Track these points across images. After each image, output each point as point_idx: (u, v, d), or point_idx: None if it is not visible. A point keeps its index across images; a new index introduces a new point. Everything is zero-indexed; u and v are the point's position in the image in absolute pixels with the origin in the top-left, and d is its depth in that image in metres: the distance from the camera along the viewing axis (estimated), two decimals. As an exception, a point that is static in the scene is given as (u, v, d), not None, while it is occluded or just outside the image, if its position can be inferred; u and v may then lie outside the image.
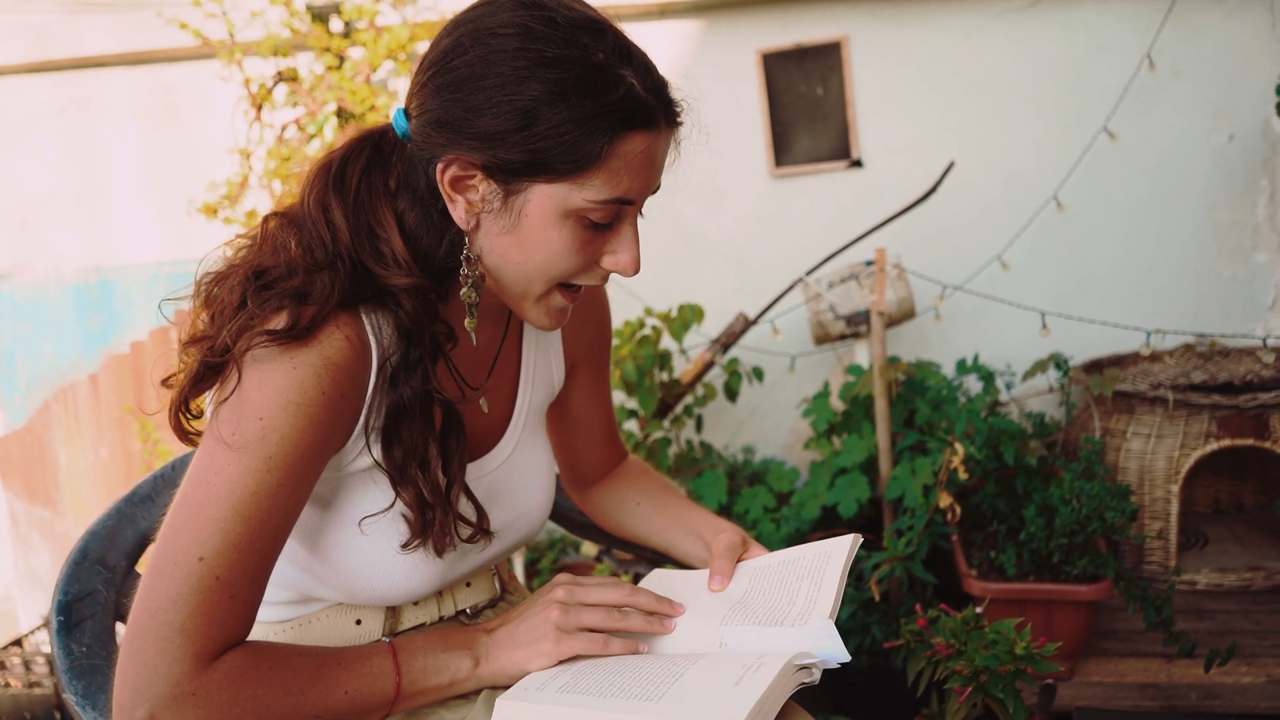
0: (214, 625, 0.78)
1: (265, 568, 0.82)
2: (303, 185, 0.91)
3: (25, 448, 3.07)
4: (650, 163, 0.88)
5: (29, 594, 3.11)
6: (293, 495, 0.82)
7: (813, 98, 2.67)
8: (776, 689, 0.80)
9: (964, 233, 2.63)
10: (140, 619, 0.78)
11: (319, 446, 0.83)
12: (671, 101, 0.88)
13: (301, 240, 0.87)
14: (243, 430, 0.80)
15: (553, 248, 0.88)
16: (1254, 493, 2.50)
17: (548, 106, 0.82)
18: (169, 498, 1.12)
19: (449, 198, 0.87)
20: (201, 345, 0.84)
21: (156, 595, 0.78)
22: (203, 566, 0.78)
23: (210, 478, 0.80)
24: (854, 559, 1.02)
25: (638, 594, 0.95)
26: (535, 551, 2.69)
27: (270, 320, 0.82)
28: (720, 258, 2.78)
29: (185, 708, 0.76)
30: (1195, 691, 1.80)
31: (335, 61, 2.64)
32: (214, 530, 0.79)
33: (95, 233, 2.97)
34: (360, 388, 0.87)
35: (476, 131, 0.84)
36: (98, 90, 2.90)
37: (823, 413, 2.30)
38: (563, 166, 0.84)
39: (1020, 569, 1.87)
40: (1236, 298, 2.61)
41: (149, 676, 0.76)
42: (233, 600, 0.79)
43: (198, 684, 0.77)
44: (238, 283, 0.85)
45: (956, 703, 1.27)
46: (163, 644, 0.76)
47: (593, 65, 0.83)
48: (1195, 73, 2.54)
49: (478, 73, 0.83)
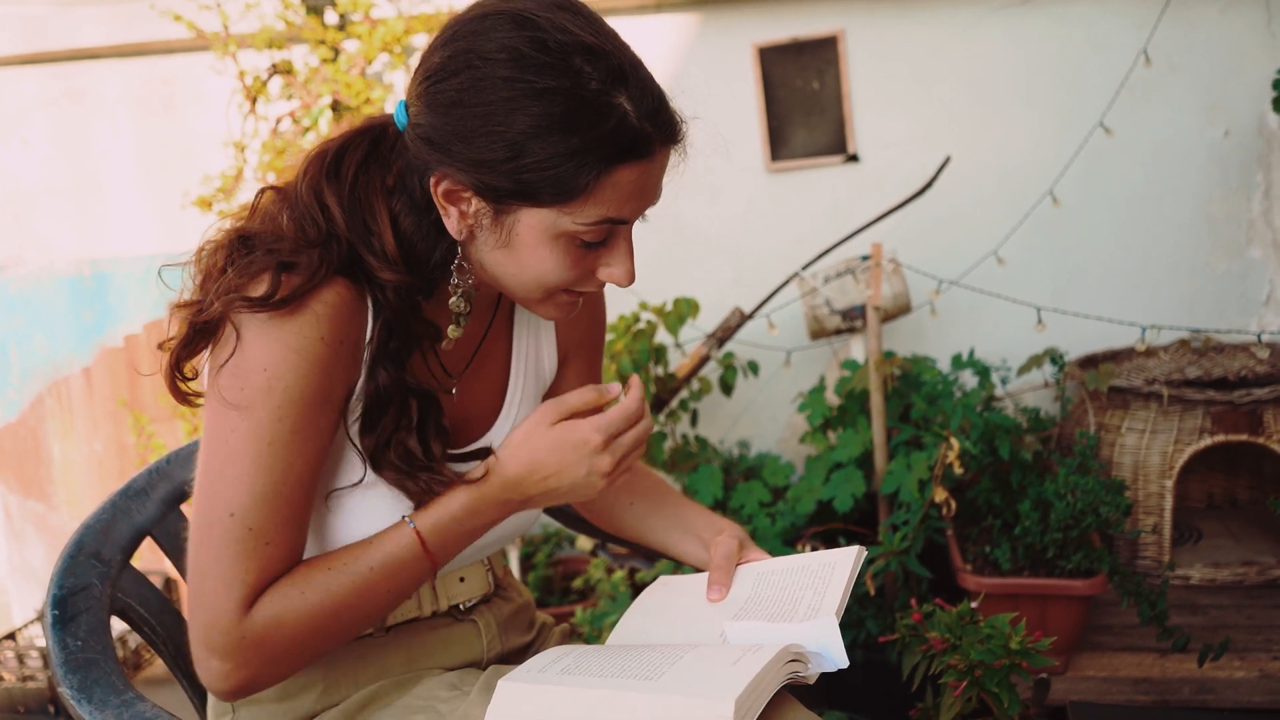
0: (253, 573, 0.83)
1: (298, 513, 0.86)
2: (297, 170, 0.91)
3: (19, 441, 3.06)
4: (642, 189, 0.87)
5: (23, 588, 3.11)
6: (309, 442, 0.85)
7: (809, 92, 2.66)
8: (771, 672, 0.80)
9: (959, 228, 2.63)
10: (191, 580, 0.84)
11: (325, 391, 0.85)
12: (669, 122, 0.87)
13: (294, 216, 0.88)
14: (249, 385, 0.82)
15: (546, 265, 0.88)
16: (1247, 488, 2.50)
17: (535, 140, 0.81)
18: (164, 492, 1.13)
19: (443, 208, 0.88)
20: (190, 308, 0.86)
21: (200, 554, 0.83)
22: (234, 521, 0.82)
23: (227, 436, 0.83)
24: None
25: (646, 415, 0.94)
26: (530, 545, 2.69)
27: (250, 285, 0.83)
28: (716, 252, 2.78)
29: (246, 648, 0.82)
30: (1189, 686, 1.81)
31: (330, 54, 2.63)
32: (239, 486, 0.82)
33: (89, 225, 2.96)
34: (359, 334, 0.88)
35: (464, 157, 0.84)
36: (91, 82, 2.88)
37: (818, 407, 2.30)
38: (548, 199, 0.84)
39: (1015, 564, 1.87)
40: (1231, 293, 2.61)
41: (208, 629, 0.82)
42: (270, 546, 0.83)
43: (245, 628, 0.82)
44: (223, 245, 0.87)
45: (951, 697, 1.27)
46: (211, 598, 0.82)
47: (582, 98, 0.81)
48: (1191, 68, 2.54)
49: (467, 99, 0.82)
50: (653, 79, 0.87)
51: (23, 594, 3.11)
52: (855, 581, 0.96)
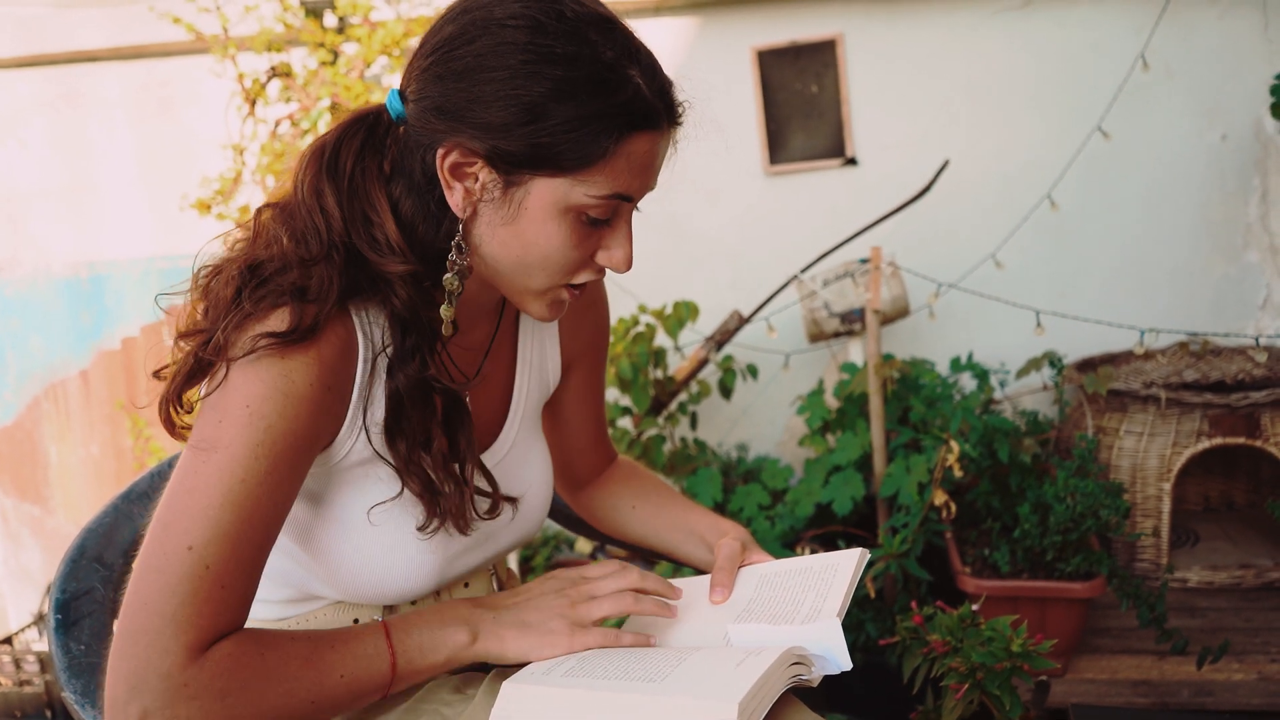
0: (205, 616, 0.77)
1: (257, 558, 0.81)
2: (295, 170, 0.90)
3: (15, 444, 3.06)
4: (652, 163, 0.88)
5: (19, 592, 3.10)
6: (281, 485, 0.81)
7: (807, 95, 2.67)
8: (775, 674, 0.80)
9: (958, 231, 2.64)
10: (131, 612, 0.76)
11: (308, 438, 0.83)
12: (675, 103, 0.89)
13: (294, 232, 0.86)
14: (230, 419, 0.79)
15: (550, 243, 0.87)
16: (1244, 491, 2.51)
17: (556, 103, 0.82)
18: (166, 495, 1.12)
19: (447, 184, 0.87)
20: (196, 339, 0.83)
21: (146, 587, 0.76)
22: (192, 556, 0.76)
23: (198, 467, 0.79)
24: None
25: (646, 578, 0.96)
26: (529, 549, 2.69)
27: (269, 317, 0.81)
28: (715, 255, 2.78)
29: (178, 701, 0.74)
30: (1187, 688, 1.81)
31: (329, 57, 2.63)
32: (203, 519, 0.77)
33: (86, 228, 2.96)
34: (347, 382, 0.86)
35: (480, 122, 0.83)
36: (89, 84, 2.88)
37: (817, 410, 2.30)
38: (568, 163, 0.83)
39: (1014, 566, 1.87)
40: (1228, 297, 2.62)
41: (141, 670, 0.74)
42: (224, 590, 0.78)
43: (189, 675, 0.75)
44: (233, 276, 0.84)
45: (953, 699, 1.27)
46: (153, 636, 0.75)
47: (602, 64, 0.83)
48: (1189, 72, 2.55)
49: (485, 64, 0.83)
50: (656, 60, 0.89)
51: (19, 598, 3.10)
52: (858, 585, 0.96)
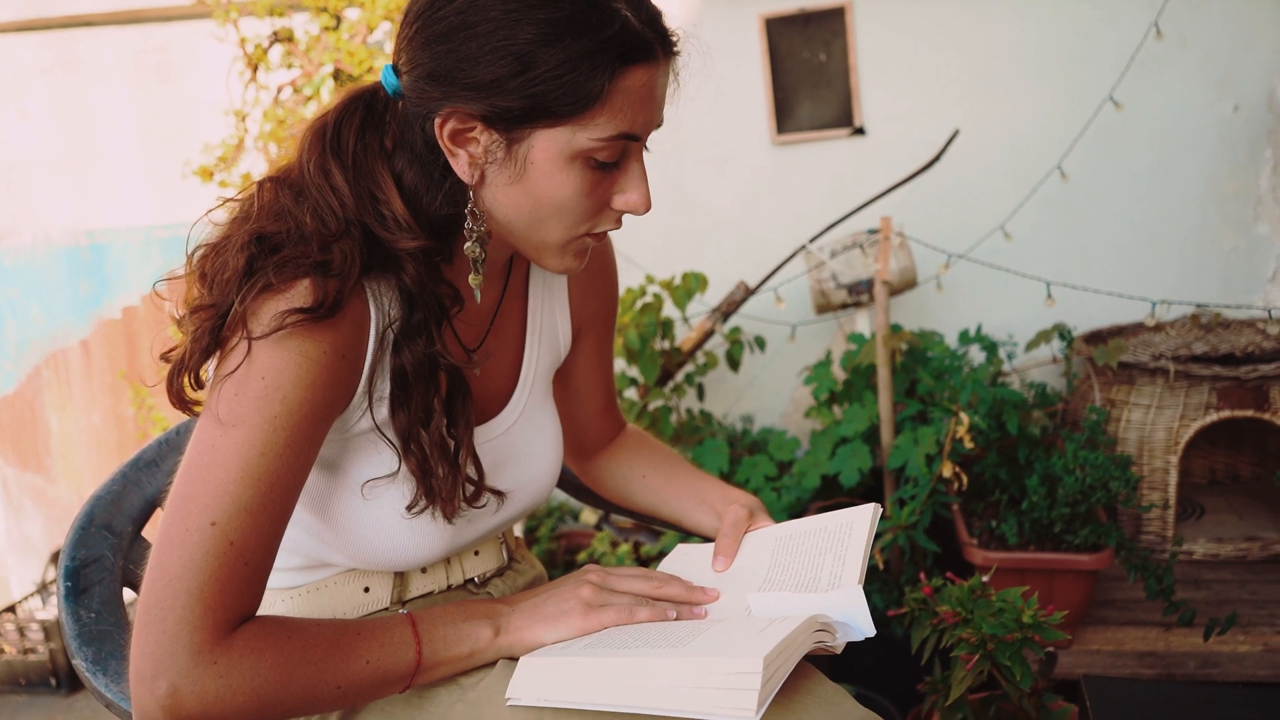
0: (230, 593, 0.76)
1: (277, 532, 0.81)
2: (298, 150, 0.89)
3: (16, 413, 3.05)
4: (652, 96, 0.86)
5: (21, 560, 3.10)
6: (300, 455, 0.81)
7: (815, 64, 2.63)
8: (797, 639, 0.79)
9: (967, 202, 2.61)
10: (155, 588, 0.75)
11: (324, 405, 0.82)
12: (667, 31, 0.86)
13: (310, 207, 0.85)
14: (246, 392, 0.78)
15: (562, 193, 0.86)
16: (1250, 464, 2.51)
17: (543, 49, 0.80)
18: (174, 463, 1.11)
19: (450, 152, 0.85)
20: (205, 314, 0.82)
21: (170, 563, 0.75)
22: (216, 531, 0.76)
23: (216, 441, 0.78)
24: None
25: (668, 585, 0.95)
26: (533, 520, 2.69)
27: (291, 289, 0.80)
28: (721, 225, 2.76)
29: (207, 678, 0.74)
30: (1193, 660, 1.81)
31: (332, 22, 2.59)
32: (224, 494, 0.77)
33: (85, 195, 2.93)
34: (360, 352, 0.85)
35: (472, 81, 0.81)
36: (88, 50, 2.84)
37: (824, 381, 2.29)
38: (565, 109, 0.82)
39: (1021, 538, 1.87)
40: (1238, 269, 2.60)
41: (169, 645, 0.73)
42: (248, 566, 0.78)
43: (219, 653, 0.75)
44: (240, 248, 0.82)
45: (963, 670, 1.27)
46: (181, 612, 0.74)
47: (585, 1, 0.80)
48: (1202, 42, 2.51)
49: (468, 20, 0.81)
50: None
51: (21, 567, 3.10)
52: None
